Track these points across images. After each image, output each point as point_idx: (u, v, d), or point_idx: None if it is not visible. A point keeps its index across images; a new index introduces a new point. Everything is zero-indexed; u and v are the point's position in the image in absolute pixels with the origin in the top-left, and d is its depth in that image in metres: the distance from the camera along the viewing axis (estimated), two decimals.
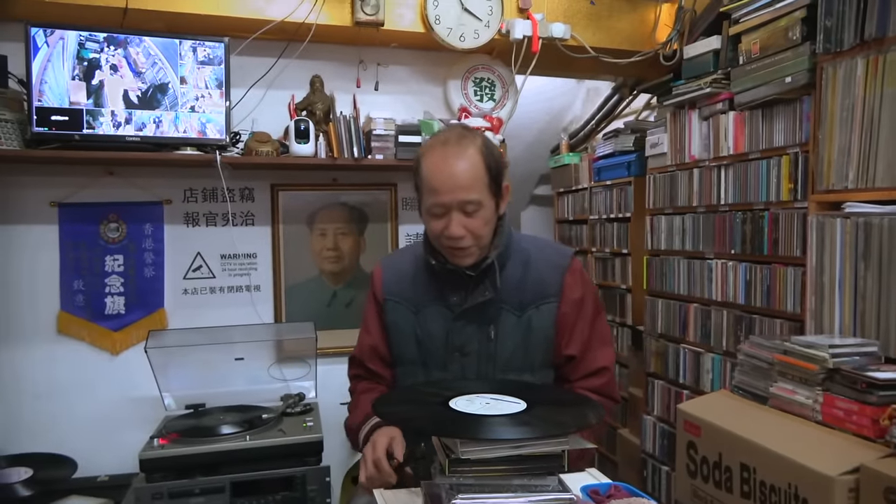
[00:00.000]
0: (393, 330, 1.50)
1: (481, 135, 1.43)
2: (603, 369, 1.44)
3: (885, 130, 1.87)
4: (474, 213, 1.34)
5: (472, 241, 1.36)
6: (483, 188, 1.34)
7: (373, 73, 2.75)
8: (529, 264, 1.44)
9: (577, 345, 1.43)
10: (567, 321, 1.42)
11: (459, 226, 1.33)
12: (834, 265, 2.02)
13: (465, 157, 1.33)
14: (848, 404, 1.72)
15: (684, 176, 2.80)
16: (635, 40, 2.83)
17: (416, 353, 1.47)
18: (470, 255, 1.39)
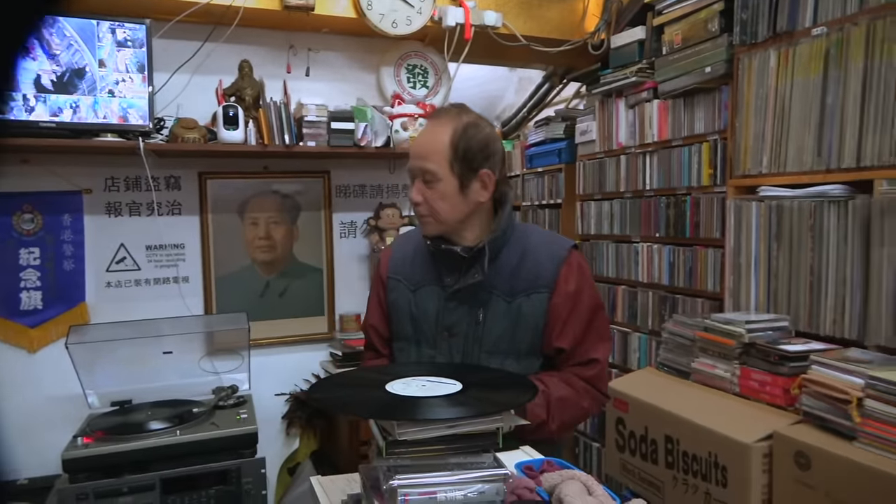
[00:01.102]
0: (392, 308, 1.54)
1: (468, 118, 1.42)
2: (594, 361, 1.45)
3: (794, 118, 1.99)
4: (431, 185, 1.39)
5: (427, 210, 1.41)
6: (443, 162, 1.38)
7: (304, 58, 2.70)
8: (527, 253, 1.46)
9: (568, 338, 1.43)
10: (559, 313, 1.42)
11: (418, 192, 1.41)
12: (750, 246, 2.14)
13: (435, 131, 1.40)
14: (762, 376, 1.83)
15: (612, 162, 2.89)
16: (565, 29, 2.89)
17: (411, 331, 1.51)
18: (428, 225, 1.43)
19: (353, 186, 2.88)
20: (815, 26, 1.91)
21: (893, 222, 1.69)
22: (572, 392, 1.41)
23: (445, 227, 1.44)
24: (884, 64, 1.72)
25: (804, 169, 1.96)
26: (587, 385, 1.43)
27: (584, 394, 1.42)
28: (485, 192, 1.42)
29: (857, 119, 1.79)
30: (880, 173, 1.73)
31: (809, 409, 1.64)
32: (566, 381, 1.42)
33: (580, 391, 1.42)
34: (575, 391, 1.41)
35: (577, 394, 1.42)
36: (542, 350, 1.45)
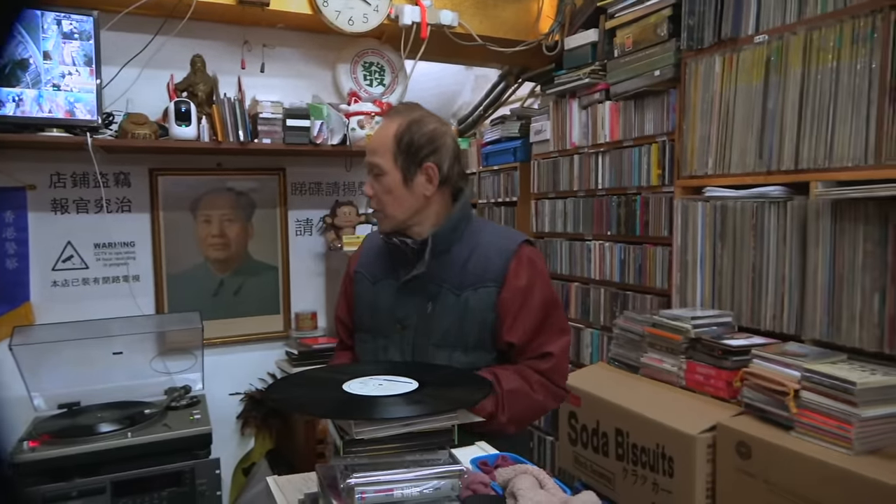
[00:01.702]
0: (356, 300, 1.59)
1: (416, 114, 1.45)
2: (548, 355, 1.46)
3: (738, 122, 2.07)
4: (378, 178, 1.45)
5: (377, 204, 1.47)
6: (387, 156, 1.43)
7: (259, 54, 2.66)
8: (478, 248, 1.47)
9: (519, 332, 1.44)
10: (509, 307, 1.43)
11: (370, 186, 1.47)
12: (696, 244, 2.22)
13: (384, 126, 1.46)
14: (707, 370, 1.91)
15: (566, 162, 2.95)
16: (520, 30, 2.93)
17: (370, 323, 1.55)
18: (383, 221, 1.49)
19: (309, 184, 2.86)
20: (758, 34, 1.99)
21: (827, 223, 1.78)
22: (524, 385, 1.43)
23: (396, 222, 1.47)
24: (819, 71, 1.81)
25: (747, 171, 2.04)
26: (542, 378, 1.45)
27: (538, 387, 1.44)
28: (430, 185, 1.44)
29: (796, 123, 1.88)
30: (816, 175, 1.82)
31: (750, 401, 1.72)
32: (520, 374, 1.44)
33: (534, 384, 1.44)
34: (528, 384, 1.43)
35: (530, 387, 1.43)
36: (494, 345, 1.47)
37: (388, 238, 1.49)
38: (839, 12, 1.76)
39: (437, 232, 1.45)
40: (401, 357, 1.49)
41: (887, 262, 1.65)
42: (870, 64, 1.68)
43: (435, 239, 1.44)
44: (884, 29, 1.64)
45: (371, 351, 1.54)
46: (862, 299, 1.71)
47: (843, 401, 1.49)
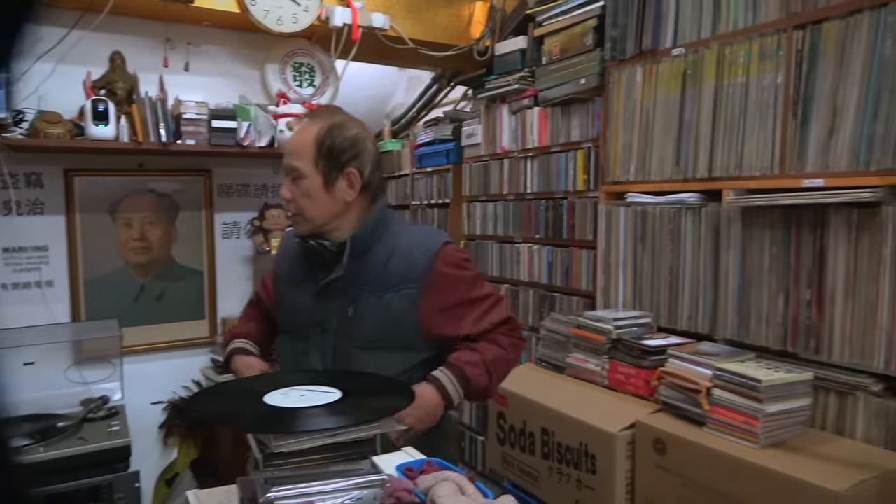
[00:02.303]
0: (277, 301, 1.59)
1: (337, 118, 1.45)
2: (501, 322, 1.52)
3: (657, 131, 2.16)
4: (297, 182, 1.43)
5: (295, 207, 1.44)
6: (308, 160, 1.41)
7: (182, 52, 2.59)
8: (399, 249, 1.47)
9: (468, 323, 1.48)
10: (435, 303, 1.45)
11: (287, 189, 1.44)
12: (619, 248, 2.30)
13: (304, 129, 1.44)
14: (627, 369, 1.98)
15: (496, 165, 3.00)
16: (452, 34, 2.96)
17: (288, 325, 1.55)
18: (300, 223, 1.46)
19: (236, 186, 2.80)
20: (675, 47, 2.08)
21: (738, 228, 1.88)
22: (501, 351, 1.51)
23: (314, 226, 1.45)
24: (731, 85, 1.91)
25: (665, 178, 2.13)
26: (509, 339, 1.53)
27: (510, 348, 1.53)
28: (351, 190, 1.44)
29: (709, 134, 1.97)
30: (728, 183, 1.91)
31: (667, 399, 1.80)
32: (492, 342, 1.50)
33: (507, 347, 1.52)
34: (503, 349, 1.51)
35: (506, 351, 1.52)
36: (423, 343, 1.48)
37: (305, 241, 1.47)
38: (748, 30, 1.86)
39: (356, 234, 1.44)
40: (322, 360, 1.47)
41: (790, 265, 1.76)
42: (775, 79, 1.79)
43: (354, 241, 1.43)
44: (787, 47, 1.75)
45: (291, 354, 1.53)
46: (768, 300, 1.81)
47: (750, 397, 1.58)
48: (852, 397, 1.64)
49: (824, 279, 1.68)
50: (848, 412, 1.66)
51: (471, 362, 1.44)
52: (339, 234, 1.47)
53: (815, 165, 1.70)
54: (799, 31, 1.72)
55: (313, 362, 1.47)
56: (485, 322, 1.50)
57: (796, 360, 1.75)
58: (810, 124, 1.71)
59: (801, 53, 1.72)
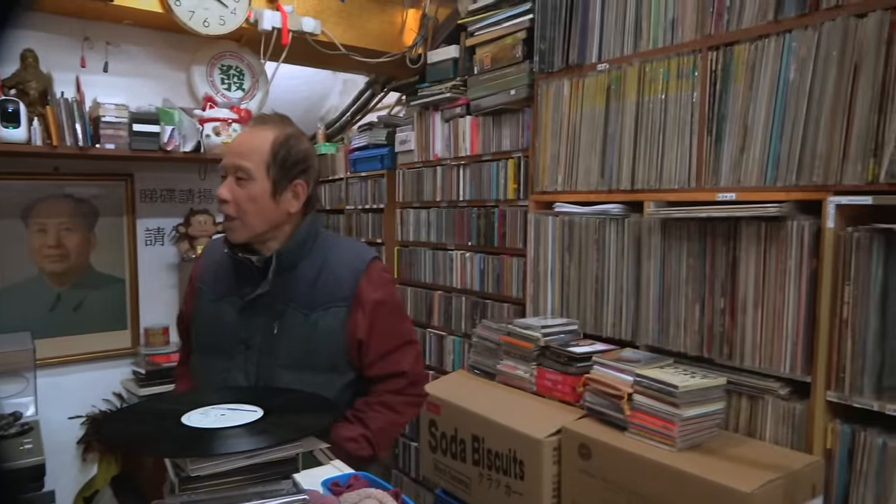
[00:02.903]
0: (196, 316, 1.51)
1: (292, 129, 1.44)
2: (403, 373, 1.48)
3: (583, 143, 2.22)
4: (243, 183, 1.37)
5: (234, 210, 1.38)
6: (260, 163, 1.38)
7: (101, 51, 2.48)
8: (326, 266, 1.45)
9: (374, 352, 1.45)
10: (359, 328, 1.43)
11: (228, 190, 1.38)
12: (547, 256, 2.35)
13: (257, 133, 1.41)
14: (555, 376, 2.03)
15: (429, 172, 3.01)
16: (384, 41, 2.95)
17: (209, 342, 1.47)
18: (235, 230, 1.40)
19: (160, 191, 2.71)
20: (600, 62, 2.15)
21: (658, 239, 1.96)
22: (391, 415, 1.46)
23: (251, 233, 1.41)
24: (651, 101, 1.98)
25: (591, 189, 2.19)
26: (404, 397, 1.48)
27: (402, 409, 1.47)
28: (296, 202, 1.43)
29: (632, 147, 2.04)
30: (649, 196, 1.99)
31: (591, 405, 1.85)
32: (382, 405, 1.45)
33: (398, 408, 1.47)
34: (394, 412, 1.46)
35: (397, 413, 1.47)
36: (350, 365, 1.47)
37: (234, 253, 1.43)
38: (667, 49, 1.94)
39: (283, 249, 1.42)
40: (245, 379, 1.43)
41: (706, 275, 1.84)
42: (692, 97, 1.87)
43: (280, 257, 1.41)
44: (702, 67, 1.83)
45: (212, 373, 1.46)
46: (686, 308, 1.90)
47: (668, 402, 1.64)
48: (762, 401, 1.74)
49: (736, 289, 1.77)
50: (758, 415, 1.75)
51: (351, 438, 1.40)
52: (272, 245, 1.44)
53: (728, 180, 1.79)
54: (713, 52, 1.81)
55: (236, 382, 1.42)
56: (387, 368, 1.47)
57: (712, 366, 1.84)
58: (724, 141, 1.79)
59: (715, 73, 1.81)
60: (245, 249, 1.44)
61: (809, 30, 1.60)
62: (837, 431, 1.59)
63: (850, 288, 1.53)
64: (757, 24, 1.71)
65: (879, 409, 1.50)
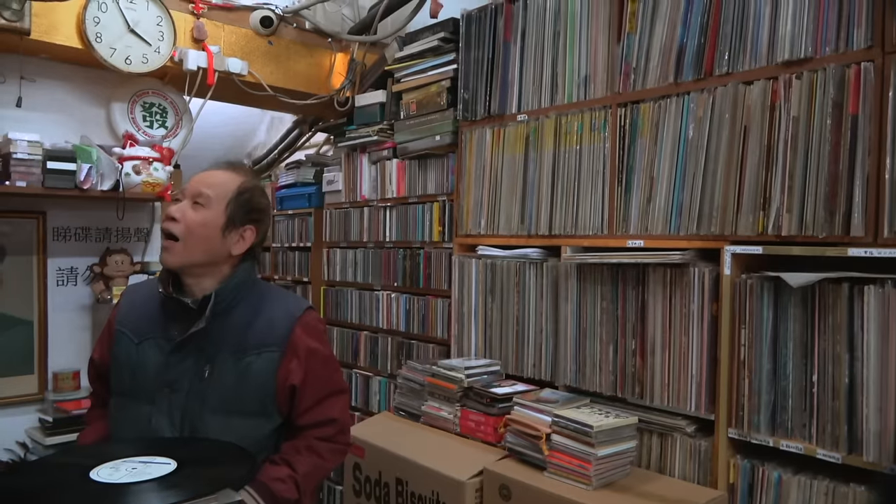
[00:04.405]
0: (114, 360, 1.47)
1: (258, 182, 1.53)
2: (332, 420, 1.48)
3: (505, 188, 2.31)
4: (199, 208, 1.40)
5: (181, 229, 1.38)
6: (221, 196, 1.42)
7: (15, 86, 2.39)
8: (261, 311, 1.45)
9: (305, 399, 1.44)
10: (292, 374, 1.42)
11: (179, 209, 1.40)
12: (471, 298, 2.41)
13: (226, 172, 1.47)
14: (478, 416, 2.07)
15: (356, 213, 3.04)
16: (312, 83, 2.98)
17: (130, 386, 1.43)
18: (174, 252, 1.39)
19: (74, 229, 2.60)
20: (520, 113, 2.26)
21: (574, 282, 2.05)
22: (317, 460, 1.45)
23: (188, 260, 1.40)
24: (567, 151, 2.10)
25: (512, 233, 2.28)
26: (330, 444, 1.48)
27: (328, 455, 1.47)
28: (240, 245, 1.45)
29: (549, 194, 2.15)
30: (565, 241, 2.09)
31: (512, 446, 1.90)
32: (310, 450, 1.44)
33: (325, 455, 1.46)
34: (320, 458, 1.45)
35: (323, 459, 1.46)
36: (277, 409, 1.46)
37: (167, 293, 1.41)
38: (580, 103, 2.06)
39: (221, 289, 1.42)
40: (169, 423, 1.39)
41: (618, 317, 1.94)
42: (604, 149, 1.99)
43: (218, 296, 1.40)
44: (612, 122, 1.96)
45: (132, 419, 1.41)
46: (601, 349, 1.98)
47: (583, 442, 1.71)
48: (671, 438, 1.83)
49: (646, 331, 1.87)
50: (668, 452, 1.84)
51: (279, 478, 1.38)
52: (205, 284, 1.43)
53: (636, 228, 1.90)
54: (622, 109, 1.94)
55: (159, 428, 1.37)
56: (318, 415, 1.47)
57: (625, 405, 1.92)
58: (632, 191, 1.91)
59: (624, 128, 1.93)
60: (176, 290, 1.42)
61: (705, 93, 1.75)
62: (738, 466, 1.69)
63: (746, 331, 1.66)
64: (659, 85, 1.85)
65: (774, 444, 1.62)
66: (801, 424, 1.58)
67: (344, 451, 1.55)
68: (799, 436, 1.58)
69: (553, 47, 2.15)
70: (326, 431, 1.48)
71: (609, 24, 1.99)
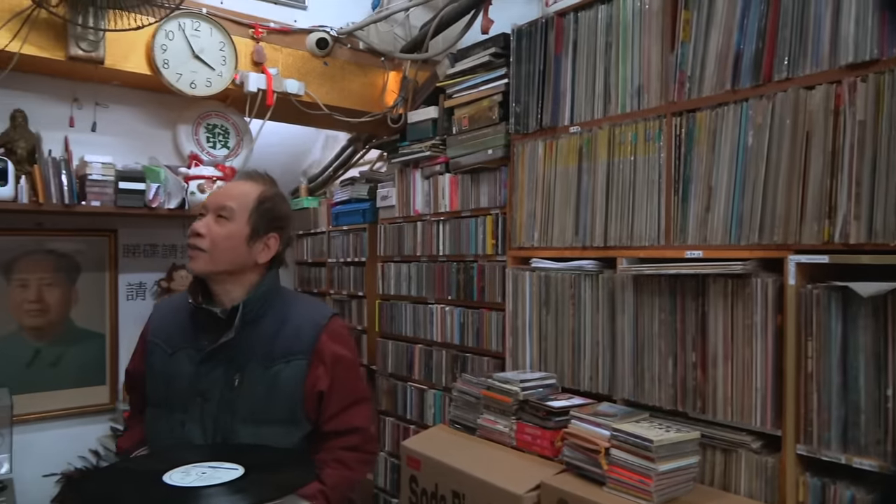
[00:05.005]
0: (149, 372, 1.50)
1: (278, 190, 1.55)
2: (357, 429, 1.50)
3: (558, 200, 2.30)
4: (222, 222, 1.43)
5: (207, 243, 1.41)
6: (243, 207, 1.45)
7: (90, 111, 2.54)
8: (288, 319, 1.48)
9: (332, 406, 1.47)
10: (319, 381, 1.45)
11: (205, 225, 1.43)
12: (525, 310, 2.40)
13: (247, 182, 1.50)
14: (533, 430, 2.05)
15: (410, 228, 3.08)
16: (366, 101, 3.05)
17: (164, 396, 1.46)
18: (199, 260, 1.43)
19: (143, 246, 2.73)
20: (572, 125, 2.25)
21: (630, 294, 2.02)
22: (345, 472, 1.47)
23: (214, 267, 1.43)
24: (621, 162, 2.08)
25: (566, 245, 2.27)
26: (356, 454, 1.50)
27: (356, 466, 1.49)
28: (266, 254, 1.48)
29: (604, 205, 2.13)
30: (621, 252, 2.06)
31: (570, 460, 1.87)
32: (338, 462, 1.46)
33: (353, 465, 1.48)
34: (348, 469, 1.48)
35: (351, 470, 1.48)
36: (305, 417, 1.47)
37: (197, 303, 1.45)
38: (634, 114, 2.05)
39: (249, 299, 1.45)
40: (202, 432, 1.42)
41: (677, 329, 1.90)
42: (659, 159, 1.97)
43: (246, 306, 1.43)
44: (667, 131, 1.94)
45: (166, 428, 1.45)
46: (659, 362, 1.95)
47: (643, 457, 1.67)
48: (735, 454, 1.77)
49: (707, 343, 1.82)
50: (732, 468, 1.78)
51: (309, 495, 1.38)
52: (234, 294, 1.47)
53: (694, 238, 1.87)
54: (677, 118, 1.92)
55: (192, 435, 1.41)
56: (344, 423, 1.49)
57: (686, 419, 1.88)
58: (689, 201, 1.88)
59: (680, 138, 1.91)
60: (205, 301, 1.46)
61: (764, 99, 1.71)
62: (808, 484, 1.63)
63: (813, 342, 1.60)
64: (716, 93, 1.82)
65: (846, 461, 1.55)
66: (874, 441, 1.51)
67: (371, 461, 1.57)
68: (873, 453, 1.51)
69: (605, 58, 2.14)
70: (352, 441, 1.50)
71: (662, 33, 1.98)
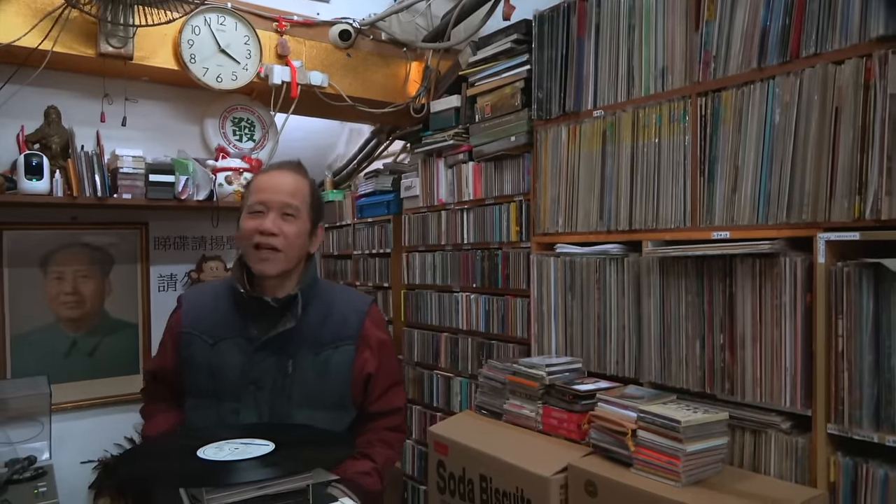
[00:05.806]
0: (187, 363, 1.49)
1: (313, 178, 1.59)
2: (398, 409, 1.59)
3: (582, 185, 2.29)
4: (290, 220, 1.45)
5: (282, 243, 1.43)
6: (304, 204, 1.48)
7: (120, 107, 2.60)
8: (333, 306, 1.52)
9: (377, 389, 1.54)
10: (367, 364, 1.51)
11: (275, 224, 1.43)
12: (550, 296, 2.40)
13: (295, 176, 1.50)
14: (560, 414, 2.05)
15: (434, 217, 3.09)
16: (388, 92, 3.07)
17: (210, 386, 1.46)
18: (275, 261, 1.44)
19: (173, 238, 2.79)
20: (595, 109, 2.24)
21: (656, 277, 2.01)
22: (389, 451, 1.54)
23: (286, 267, 1.46)
24: (645, 145, 2.06)
25: (590, 229, 2.26)
26: (396, 434, 1.58)
27: (397, 444, 1.56)
28: (316, 243, 1.54)
29: (628, 189, 2.12)
30: (646, 235, 2.05)
31: (597, 442, 1.88)
32: (383, 442, 1.52)
33: (394, 444, 1.56)
34: (391, 448, 1.55)
35: (393, 448, 1.55)
36: (352, 402, 1.52)
37: (250, 294, 1.46)
38: (658, 95, 2.03)
39: (304, 288, 1.49)
40: (258, 419, 1.44)
41: (704, 311, 1.88)
42: (684, 140, 1.95)
43: (304, 296, 1.47)
44: (692, 112, 1.92)
45: (217, 416, 1.46)
46: (686, 345, 1.93)
47: (671, 438, 1.67)
48: (765, 435, 1.76)
49: (735, 324, 1.81)
50: (762, 449, 1.77)
51: (365, 472, 1.43)
52: (285, 285, 1.50)
53: (721, 219, 1.85)
54: (702, 98, 1.90)
55: (248, 421, 1.44)
56: (387, 404, 1.56)
57: (714, 401, 1.86)
58: (716, 182, 1.86)
59: (705, 118, 1.89)
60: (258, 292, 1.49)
61: (791, 76, 1.69)
62: (839, 464, 1.61)
63: (843, 321, 1.58)
64: (742, 71, 1.80)
65: (879, 440, 1.53)
66: None
67: (404, 439, 1.65)
68: None
69: (628, 41, 2.13)
70: (394, 421, 1.57)
71: (686, 13, 1.96)
